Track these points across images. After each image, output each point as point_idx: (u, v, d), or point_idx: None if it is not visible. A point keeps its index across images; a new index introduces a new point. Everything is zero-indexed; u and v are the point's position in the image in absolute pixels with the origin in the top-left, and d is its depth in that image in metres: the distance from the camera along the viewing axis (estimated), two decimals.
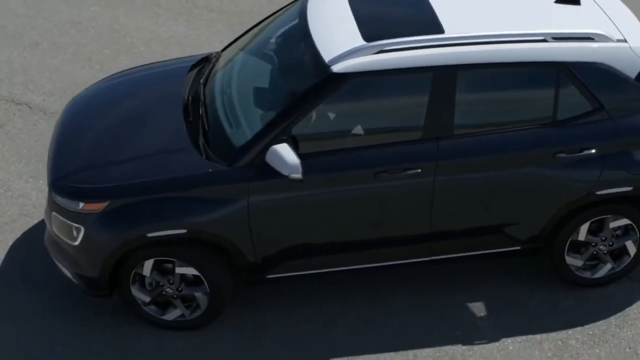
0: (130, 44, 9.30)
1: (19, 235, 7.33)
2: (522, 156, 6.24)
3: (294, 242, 6.35)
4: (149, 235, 6.16)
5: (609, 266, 6.70)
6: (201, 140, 6.39)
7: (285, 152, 5.97)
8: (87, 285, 6.44)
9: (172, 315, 6.55)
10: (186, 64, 7.27)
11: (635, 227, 6.56)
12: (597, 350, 6.33)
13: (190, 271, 6.35)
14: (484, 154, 6.21)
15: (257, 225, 6.24)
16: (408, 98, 6.14)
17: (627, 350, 6.33)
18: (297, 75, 6.33)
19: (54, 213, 6.40)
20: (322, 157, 6.16)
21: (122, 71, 7.42)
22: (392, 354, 6.36)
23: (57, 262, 6.59)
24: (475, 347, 6.39)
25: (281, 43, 6.77)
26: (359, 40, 6.18)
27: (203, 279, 6.38)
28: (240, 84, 6.65)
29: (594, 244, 6.61)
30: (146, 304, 6.53)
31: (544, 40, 6.18)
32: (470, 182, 6.27)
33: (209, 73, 7.00)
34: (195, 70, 7.16)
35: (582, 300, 6.69)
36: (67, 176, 6.38)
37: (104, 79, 7.39)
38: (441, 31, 6.21)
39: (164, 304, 6.58)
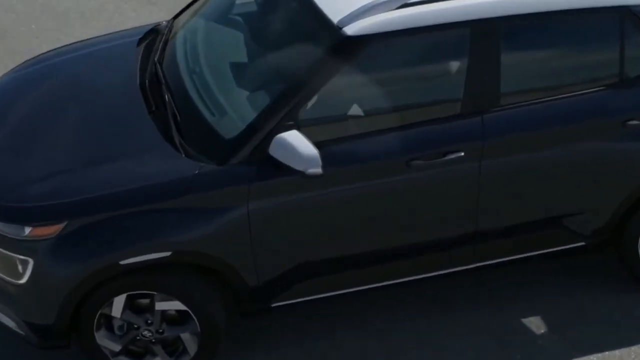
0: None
1: None
2: (585, 127, 4.96)
3: (307, 257, 4.94)
4: (123, 262, 4.67)
5: None
6: (175, 135, 4.97)
7: (297, 142, 4.59)
8: (39, 336, 4.89)
9: None
10: (131, 38, 5.77)
11: None
12: None
13: (175, 306, 4.87)
14: (539, 127, 4.92)
15: (260, 238, 4.82)
16: (441, 63, 4.81)
17: None
18: (294, 43, 4.94)
19: None
20: (338, 145, 4.79)
21: (46, 52, 5.90)
22: None
23: None
24: None
25: (263, 4, 5.37)
26: None
27: (192, 314, 4.89)
28: (213, 58, 5.21)
29: None
30: (116, 354, 5.02)
31: None
32: (523, 165, 4.95)
33: (164, 48, 5.54)
34: (142, 47, 5.68)
35: None
36: (3, 195, 4.87)
37: (21, 65, 5.87)
38: None
39: (139, 353, 5.10)
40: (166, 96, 5.11)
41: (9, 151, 5.07)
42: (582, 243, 5.27)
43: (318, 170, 4.55)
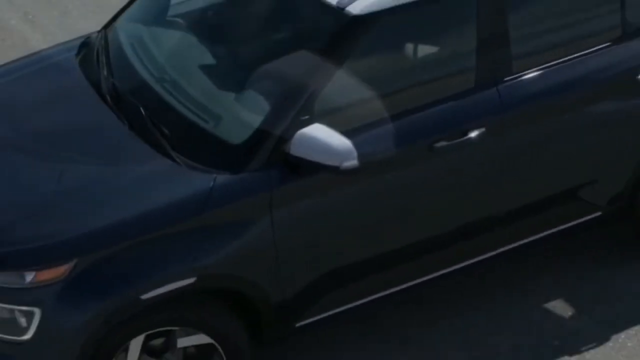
0: None
1: None
2: (599, 86, 4.86)
3: (336, 263, 4.56)
4: (144, 297, 4.15)
5: None
6: (169, 149, 4.48)
7: (325, 135, 4.23)
8: None
9: None
10: (61, 55, 5.23)
11: None
12: None
13: (199, 340, 4.38)
14: (554, 92, 4.77)
15: (286, 247, 4.41)
16: (450, 33, 4.60)
17: None
18: (292, 32, 4.64)
19: None
20: (359, 135, 4.45)
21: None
22: None
23: None
24: (587, 355, 4.85)
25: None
26: None
27: (218, 347, 4.40)
28: (183, 62, 4.77)
29: None
30: None
31: None
32: (542, 135, 4.80)
33: (109, 61, 5.05)
34: (80, 61, 5.11)
35: None
36: None
37: None
38: None
39: None
40: (142, 111, 4.61)
41: None
42: (599, 213, 5.12)
43: (354, 162, 4.20)
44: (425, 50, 4.58)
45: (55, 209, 4.30)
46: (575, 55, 4.87)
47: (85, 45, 5.20)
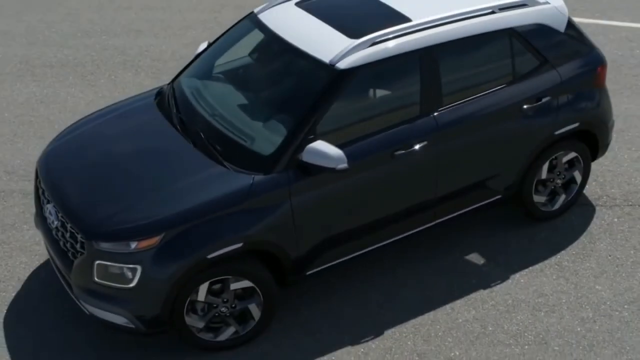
0: None
1: None
2: (498, 112, 7.16)
3: (332, 231, 6.77)
4: (209, 256, 6.31)
5: (563, 197, 7.81)
6: (222, 160, 6.62)
7: (325, 148, 6.41)
8: (148, 326, 6.41)
9: (225, 334, 6.70)
10: (143, 100, 7.40)
11: (580, 158, 7.73)
12: (588, 264, 7.40)
13: (244, 284, 6.56)
14: (470, 117, 7.05)
15: (300, 223, 6.59)
16: (404, 81, 6.83)
17: (609, 257, 7.46)
18: (298, 82, 6.78)
19: (98, 262, 6.31)
20: (347, 147, 6.66)
21: (84, 117, 7.42)
22: (431, 313, 6.99)
23: (101, 314, 6.47)
24: (495, 288, 7.20)
25: (255, 60, 7.19)
26: (345, 39, 6.77)
27: (257, 289, 6.61)
28: (224, 104, 6.96)
29: (551, 179, 7.70)
30: (200, 330, 6.63)
31: (493, 12, 7.16)
32: (462, 145, 7.06)
33: (176, 103, 7.21)
34: (157, 103, 7.32)
35: (552, 230, 7.74)
36: (104, 221, 6.34)
37: (69, 127, 7.34)
38: (409, 20, 6.98)
39: (215, 327, 6.71)
40: (202, 135, 6.75)
41: (96, 191, 6.52)
42: (500, 196, 7.47)
43: (345, 165, 6.41)
44: (388, 89, 6.79)
45: (149, 200, 6.39)
46: (484, 93, 7.11)
47: (159, 93, 7.37)
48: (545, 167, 7.58)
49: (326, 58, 6.70)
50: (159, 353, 6.74)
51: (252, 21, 7.38)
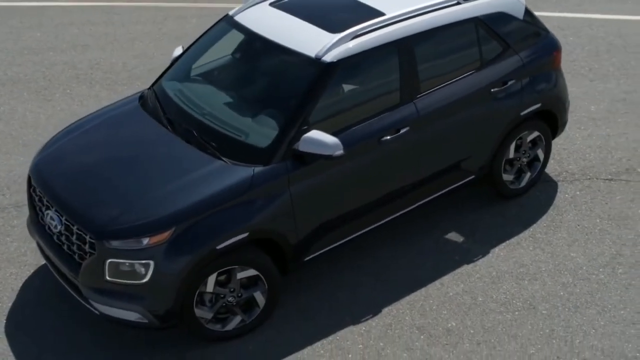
0: None
1: None
2: (470, 97, 7.60)
3: (327, 216, 7.07)
4: (218, 247, 6.53)
5: (528, 174, 8.30)
6: (219, 156, 6.85)
7: (321, 136, 6.71)
8: (161, 320, 6.59)
9: (232, 324, 6.92)
10: (127, 105, 7.56)
11: (542, 137, 8.23)
12: (560, 234, 7.89)
13: (249, 273, 6.80)
14: (446, 102, 7.46)
15: (299, 209, 6.87)
16: (385, 70, 7.20)
17: (578, 226, 7.97)
18: (283, 77, 7.07)
19: (110, 260, 6.46)
20: (336, 135, 6.97)
21: (69, 125, 7.55)
22: (423, 289, 7.36)
23: (113, 312, 6.61)
24: (478, 262, 7.62)
25: (237, 60, 7.45)
26: (326, 34, 7.10)
27: (262, 277, 6.86)
28: (211, 103, 7.20)
29: (518, 158, 8.17)
30: (208, 321, 6.83)
31: (459, 3, 7.60)
32: (441, 129, 7.47)
33: (160, 106, 7.40)
34: (142, 106, 7.50)
35: (520, 207, 8.21)
36: (113, 220, 6.49)
37: (57, 135, 7.45)
38: (382, 14, 7.36)
39: (222, 318, 6.93)
40: (195, 133, 6.97)
41: (99, 192, 6.67)
42: (474, 176, 7.90)
43: (342, 152, 6.72)
44: (371, 79, 7.16)
45: (155, 197, 6.57)
46: (456, 79, 7.54)
47: (142, 97, 7.55)
48: (512, 146, 8.06)
49: (311, 53, 7.01)
50: (168, 348, 6.92)
51: (229, 23, 7.64)
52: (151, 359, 6.83)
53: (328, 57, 6.97)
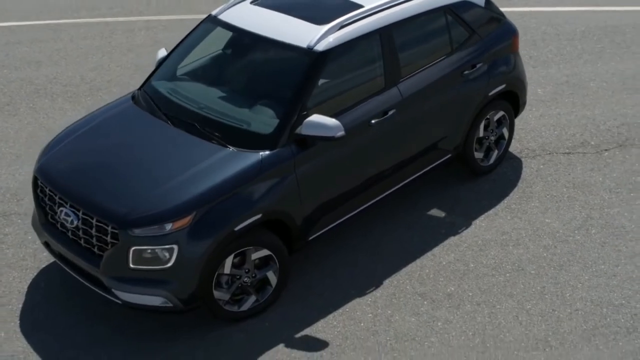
0: None
1: None
2: (445, 79, 8.16)
3: (327, 197, 7.50)
4: (236, 229, 6.87)
5: (496, 152, 8.90)
6: (225, 144, 7.20)
7: (322, 119, 7.13)
8: (185, 303, 6.87)
9: (247, 304, 7.25)
10: (121, 105, 7.83)
11: (506, 116, 8.84)
12: (532, 203, 8.50)
13: (262, 254, 7.16)
14: (424, 85, 7.99)
15: (304, 190, 7.28)
16: (370, 57, 7.68)
17: (547, 196, 8.59)
18: (277, 69, 7.48)
19: (134, 248, 6.72)
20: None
21: (65, 129, 7.78)
22: (417, 261, 7.84)
23: (137, 299, 6.87)
24: (463, 233, 8.16)
25: (228, 55, 7.82)
26: (314, 26, 7.55)
27: (274, 256, 7.22)
28: (208, 97, 7.56)
29: (486, 137, 8.76)
30: (226, 303, 7.14)
31: None
32: (422, 110, 8.00)
33: (153, 102, 7.71)
34: (137, 105, 7.80)
35: (492, 182, 8.80)
36: (134, 209, 6.77)
37: (59, 135, 7.68)
38: (361, 6, 7.85)
39: (236, 299, 7.26)
40: (198, 126, 7.30)
41: (114, 184, 6.93)
42: (450, 155, 8.45)
43: (343, 133, 7.15)
44: (358, 68, 7.64)
45: (171, 185, 6.87)
46: (431, 64, 8.10)
47: (134, 97, 7.84)
48: (482, 126, 8.65)
49: (303, 44, 7.44)
50: (189, 331, 7.20)
51: (214, 22, 8.01)
52: (174, 343, 7.11)
53: (320, 47, 7.41)
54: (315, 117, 7.16)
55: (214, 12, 8.12)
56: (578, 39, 11.42)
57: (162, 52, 8.30)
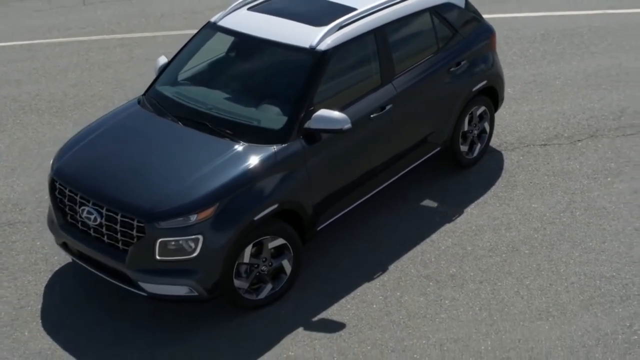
0: None
1: None
2: (434, 76, 8.66)
3: (334, 187, 7.91)
4: (255, 218, 7.23)
5: (479, 145, 9.42)
6: (239, 140, 7.56)
7: (329, 114, 7.55)
8: (209, 292, 7.20)
9: (264, 292, 7.60)
10: (129, 109, 8.15)
11: (487, 110, 9.37)
12: (518, 191, 9.03)
13: (277, 243, 7.53)
14: (416, 82, 8.48)
15: (313, 181, 7.68)
16: (367, 55, 8.15)
17: (531, 184, 9.13)
18: (282, 69, 7.90)
19: (160, 240, 7.03)
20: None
21: (80, 132, 8.07)
22: (417, 247, 8.28)
23: (162, 290, 7.17)
24: (457, 220, 8.64)
25: (231, 59, 8.20)
26: (313, 28, 7.98)
27: (289, 245, 7.59)
28: (215, 99, 7.93)
29: (470, 131, 9.28)
30: (245, 291, 7.48)
31: None
32: (415, 105, 8.49)
33: (160, 104, 8.06)
34: (144, 108, 8.14)
35: (477, 174, 9.32)
36: (160, 202, 7.08)
37: (70, 141, 7.96)
38: (354, 9, 8.31)
39: (254, 288, 7.60)
40: (210, 125, 7.66)
41: (136, 182, 7.24)
42: (439, 148, 8.94)
43: (350, 125, 7.57)
44: (356, 66, 8.08)
45: (193, 180, 7.20)
46: (421, 61, 8.61)
47: (139, 101, 8.19)
48: (466, 120, 9.17)
49: (306, 44, 7.87)
50: (209, 321, 7.52)
51: (214, 29, 8.40)
52: (196, 333, 7.41)
53: (322, 46, 7.85)
54: (323, 112, 7.58)
55: (213, 19, 8.50)
56: (539, 42, 12.09)
57: (163, 59, 8.64)
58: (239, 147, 7.50)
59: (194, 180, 7.24)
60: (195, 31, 12.89)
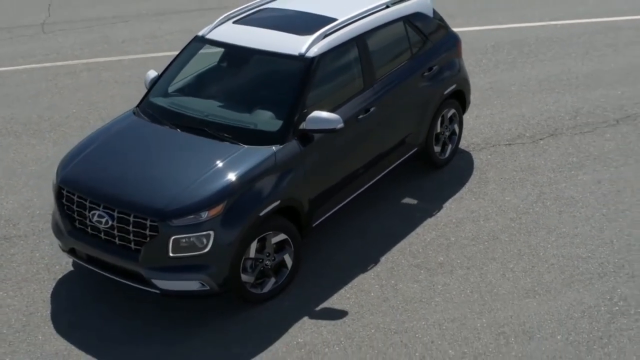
0: None
1: None
2: (409, 81, 9.22)
3: (327, 185, 8.38)
4: (261, 214, 7.65)
5: (450, 146, 10.00)
6: (239, 143, 7.99)
7: (322, 115, 8.05)
8: (220, 286, 7.58)
9: (268, 286, 8.01)
10: (126, 120, 8.53)
11: (457, 113, 9.98)
12: (490, 186, 9.63)
13: (279, 238, 7.96)
14: (395, 86, 9.03)
15: (310, 179, 8.14)
16: (351, 61, 8.67)
17: (501, 179, 9.73)
18: (273, 76, 8.38)
19: (174, 237, 7.40)
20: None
21: (79, 143, 8.38)
22: (404, 240, 8.79)
23: (175, 285, 7.52)
24: (438, 215, 9.18)
25: (222, 69, 8.64)
26: (300, 37, 8.48)
27: (290, 240, 8.02)
28: (210, 106, 8.35)
29: (442, 132, 9.86)
30: (251, 286, 7.87)
31: (388, 7, 9.24)
32: (394, 108, 9.03)
33: (156, 114, 8.46)
34: (140, 118, 8.53)
35: (450, 173, 9.90)
36: (171, 202, 7.45)
37: (72, 152, 8.27)
38: (335, 19, 8.85)
39: (258, 283, 8.00)
40: (208, 130, 8.08)
41: (146, 184, 7.61)
42: (417, 149, 9.49)
43: (342, 124, 8.07)
44: (342, 69, 8.59)
45: (202, 180, 7.59)
46: (397, 67, 9.18)
47: (134, 113, 8.58)
48: (439, 122, 9.75)
49: (295, 52, 8.37)
50: (218, 315, 7.88)
51: (203, 42, 8.84)
52: (206, 327, 7.77)
53: (310, 53, 8.36)
54: (316, 113, 8.07)
55: (200, 33, 8.95)
56: (491, 53, 12.81)
57: (153, 73, 9.04)
58: (240, 150, 7.92)
59: (202, 180, 7.64)
60: (161, 54, 13.29)
